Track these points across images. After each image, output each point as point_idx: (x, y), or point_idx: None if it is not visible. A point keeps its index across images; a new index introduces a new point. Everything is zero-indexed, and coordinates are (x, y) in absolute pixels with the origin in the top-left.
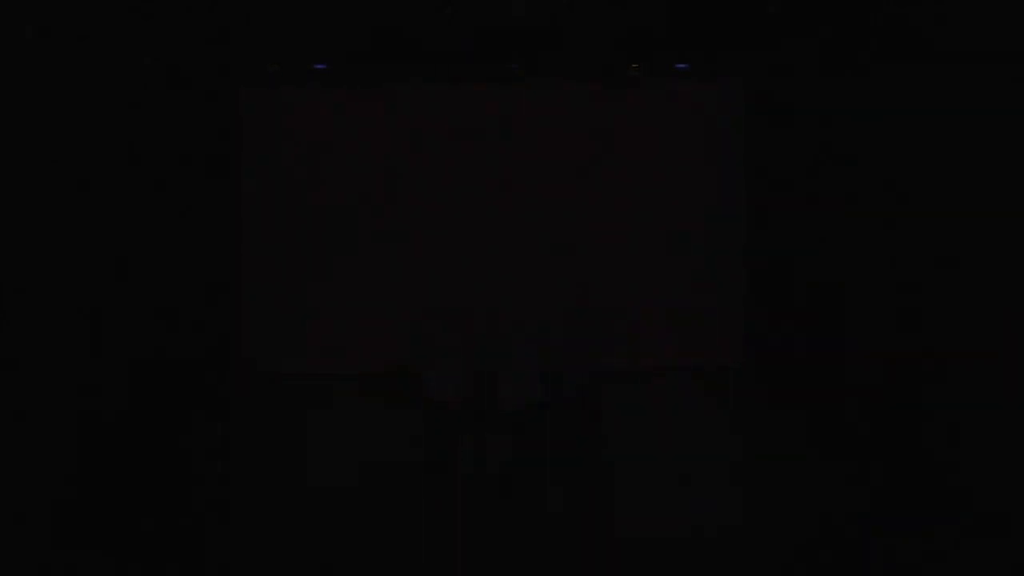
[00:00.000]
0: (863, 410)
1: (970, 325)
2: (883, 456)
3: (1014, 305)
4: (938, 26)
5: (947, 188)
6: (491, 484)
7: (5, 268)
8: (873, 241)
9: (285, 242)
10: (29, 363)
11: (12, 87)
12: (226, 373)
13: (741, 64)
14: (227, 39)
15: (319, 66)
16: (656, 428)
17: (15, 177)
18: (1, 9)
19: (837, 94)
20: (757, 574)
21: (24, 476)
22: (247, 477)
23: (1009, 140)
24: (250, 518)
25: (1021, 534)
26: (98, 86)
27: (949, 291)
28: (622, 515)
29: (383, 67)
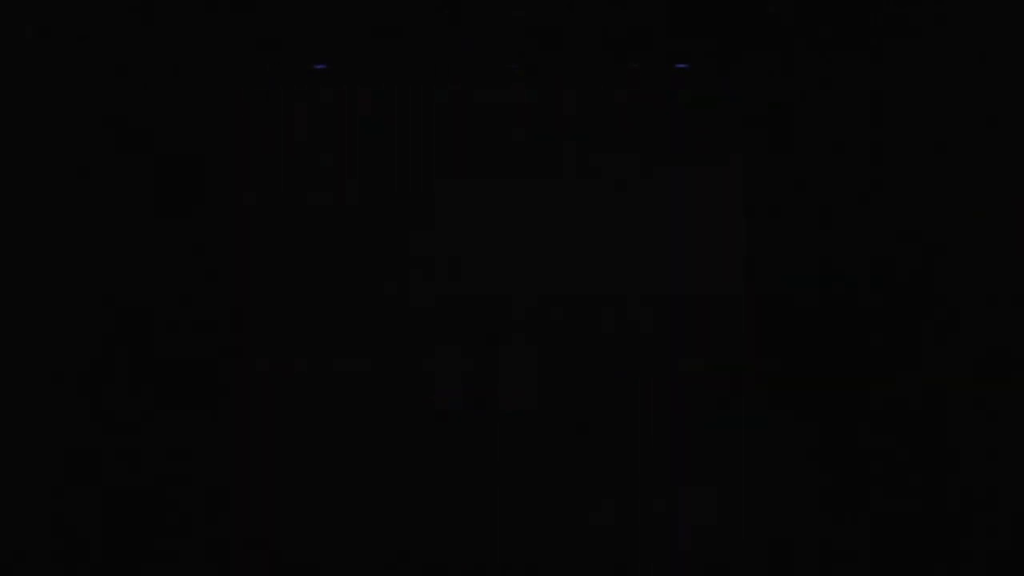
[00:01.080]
0: (866, 414)
1: (972, 327)
2: (885, 458)
3: (1015, 306)
4: (939, 26)
5: (950, 186)
6: (490, 482)
7: (6, 267)
8: (873, 240)
9: (285, 241)
10: (31, 362)
11: (11, 87)
12: (226, 372)
13: (741, 64)
14: (227, 39)
15: (319, 66)
16: (655, 428)
17: (14, 178)
18: (1, 9)
19: (835, 93)
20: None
21: (27, 474)
22: (248, 474)
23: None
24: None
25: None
26: (97, 86)
27: (950, 291)
28: (617, 513)
29: (383, 67)
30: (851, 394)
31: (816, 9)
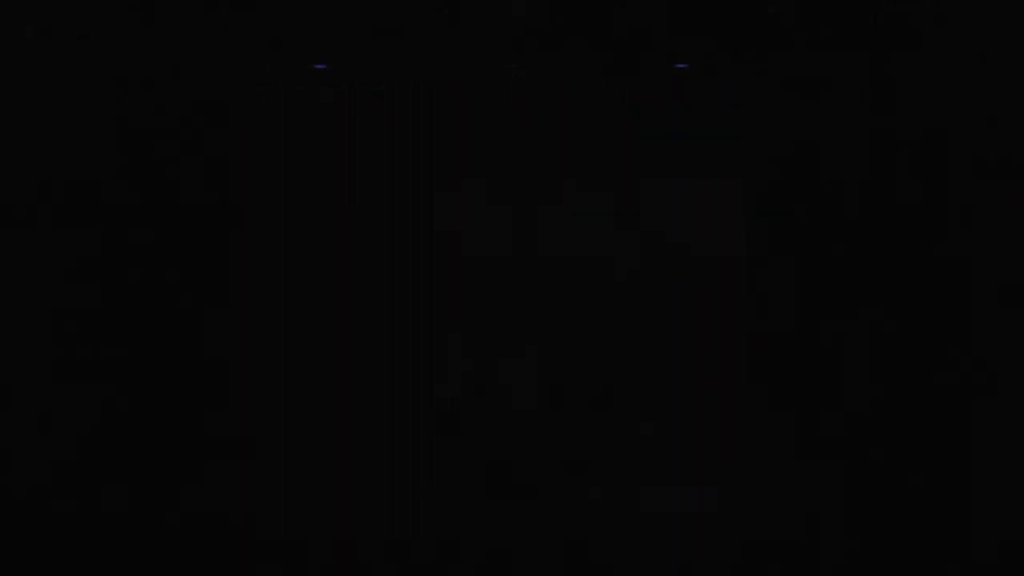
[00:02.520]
0: (861, 412)
1: (970, 324)
2: (880, 457)
3: (1013, 303)
4: (939, 25)
5: (952, 184)
6: (492, 478)
7: (7, 268)
8: (872, 240)
9: (285, 242)
10: (33, 362)
11: (11, 87)
12: (226, 371)
13: (741, 64)
14: (227, 39)
15: (319, 66)
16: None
17: (14, 178)
18: (1, 9)
19: (833, 91)
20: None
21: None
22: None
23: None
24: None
25: (1019, 538)
26: (97, 86)
27: (950, 288)
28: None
29: (383, 67)
30: (848, 393)
31: (816, 9)
